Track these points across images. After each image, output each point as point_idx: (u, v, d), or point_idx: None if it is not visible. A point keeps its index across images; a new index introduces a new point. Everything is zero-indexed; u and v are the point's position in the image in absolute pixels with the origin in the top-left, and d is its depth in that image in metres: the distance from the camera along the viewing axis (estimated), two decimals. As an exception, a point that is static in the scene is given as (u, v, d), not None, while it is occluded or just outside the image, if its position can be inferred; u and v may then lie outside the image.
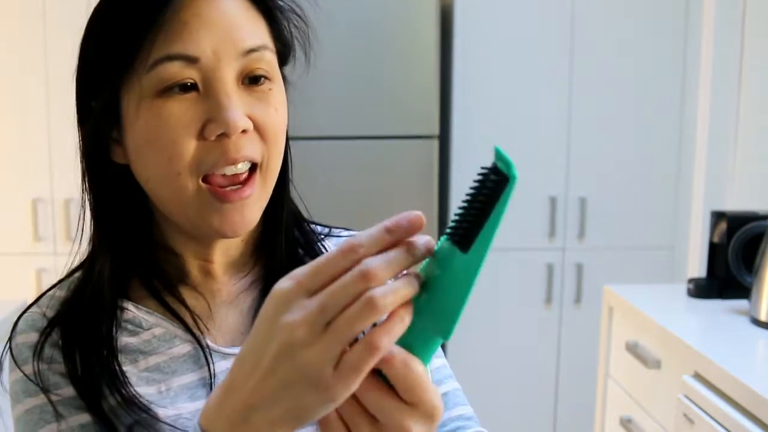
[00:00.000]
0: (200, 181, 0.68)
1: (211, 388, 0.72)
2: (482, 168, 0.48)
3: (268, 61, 0.71)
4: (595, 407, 2.36)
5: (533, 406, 2.98)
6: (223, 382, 0.52)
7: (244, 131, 0.68)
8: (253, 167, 0.70)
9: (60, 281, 0.77)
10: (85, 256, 0.77)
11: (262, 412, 0.49)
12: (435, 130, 2.76)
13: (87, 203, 0.75)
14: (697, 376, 1.67)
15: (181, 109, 0.67)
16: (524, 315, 2.94)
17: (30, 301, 0.78)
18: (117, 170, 0.73)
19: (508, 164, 0.47)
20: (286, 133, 0.77)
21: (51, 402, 0.68)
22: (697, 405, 1.63)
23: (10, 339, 0.72)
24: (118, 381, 0.68)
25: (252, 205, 0.70)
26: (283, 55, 0.76)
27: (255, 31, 0.70)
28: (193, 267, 0.77)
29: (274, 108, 0.71)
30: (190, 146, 0.67)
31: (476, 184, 0.48)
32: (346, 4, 2.68)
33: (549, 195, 2.89)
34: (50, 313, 0.73)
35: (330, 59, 2.63)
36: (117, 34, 0.68)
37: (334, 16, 2.65)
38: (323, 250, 0.83)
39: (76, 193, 0.75)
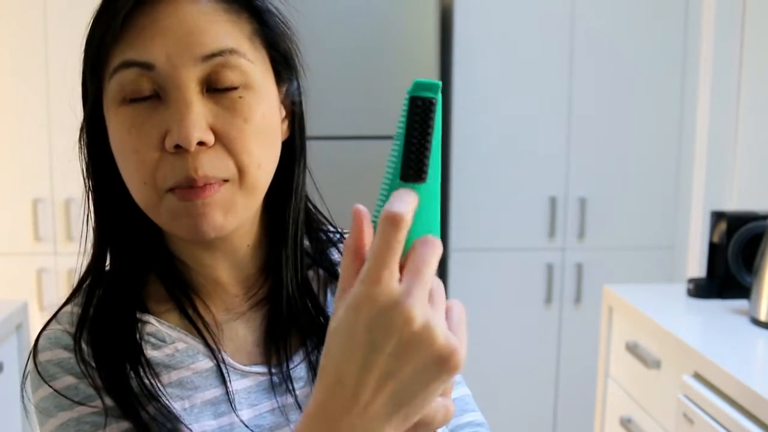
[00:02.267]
0: (165, 192, 0.67)
1: (231, 404, 0.71)
2: (405, 103, 0.50)
3: (237, 66, 0.67)
4: (595, 407, 2.36)
5: (533, 406, 2.98)
6: (319, 412, 0.50)
7: (202, 143, 0.65)
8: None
9: (71, 295, 0.76)
10: (89, 264, 0.75)
11: (392, 417, 0.49)
12: (435, 130, 2.76)
13: (91, 209, 0.74)
14: (697, 376, 1.67)
15: (141, 118, 0.66)
16: (524, 315, 2.94)
17: (30, 301, 0.78)
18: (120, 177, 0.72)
19: (430, 86, 0.50)
20: (301, 138, 0.75)
21: (97, 408, 0.67)
22: (696, 405, 1.63)
23: (34, 357, 0.70)
24: (155, 394, 0.68)
25: (218, 207, 0.67)
26: (279, 60, 0.72)
27: (221, 35, 0.67)
28: (200, 277, 0.75)
29: (244, 118, 0.67)
30: (152, 157, 0.66)
31: (404, 119, 0.50)
32: (346, 4, 2.68)
33: (549, 195, 2.89)
34: (72, 330, 0.71)
35: (330, 59, 2.63)
36: (90, 42, 0.68)
37: (334, 16, 2.65)
38: (337, 255, 0.82)
39: (77, 193, 0.75)
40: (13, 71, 2.74)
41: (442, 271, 2.92)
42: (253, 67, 0.68)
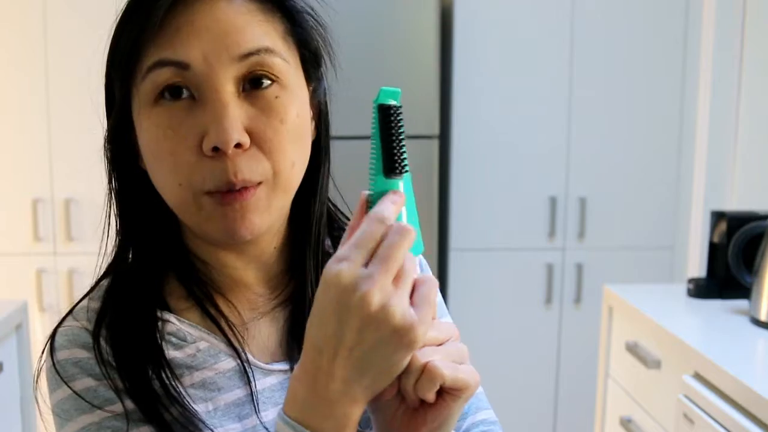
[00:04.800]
0: (203, 194, 0.66)
1: (254, 405, 0.70)
2: (377, 111, 0.59)
3: (273, 65, 0.67)
4: (595, 407, 2.36)
5: (533, 406, 2.98)
6: (302, 372, 0.58)
7: (239, 145, 0.64)
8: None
9: (90, 291, 0.74)
10: (110, 261, 0.75)
11: (358, 382, 0.56)
12: (435, 130, 2.76)
13: (113, 206, 0.73)
14: (697, 376, 1.67)
15: (177, 119, 0.65)
16: (524, 315, 2.94)
17: (29, 302, 0.77)
18: (144, 176, 0.71)
19: (394, 93, 0.59)
20: (326, 139, 0.76)
21: (119, 411, 0.66)
22: (697, 405, 1.63)
23: (51, 355, 0.68)
24: (177, 397, 0.67)
25: (256, 210, 0.67)
26: (310, 59, 0.73)
27: (257, 35, 0.66)
28: (224, 277, 0.74)
29: (280, 119, 0.67)
30: (189, 159, 0.65)
31: (381, 125, 0.59)
32: (345, 5, 2.68)
33: (549, 195, 2.89)
34: (90, 327, 0.69)
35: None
36: (120, 42, 0.67)
37: (334, 17, 2.64)
38: None
39: (77, 193, 0.74)
40: (13, 71, 2.74)
41: (442, 271, 2.93)
42: (287, 67, 0.68)
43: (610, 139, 2.88)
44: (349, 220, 0.83)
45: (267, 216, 0.68)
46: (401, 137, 0.58)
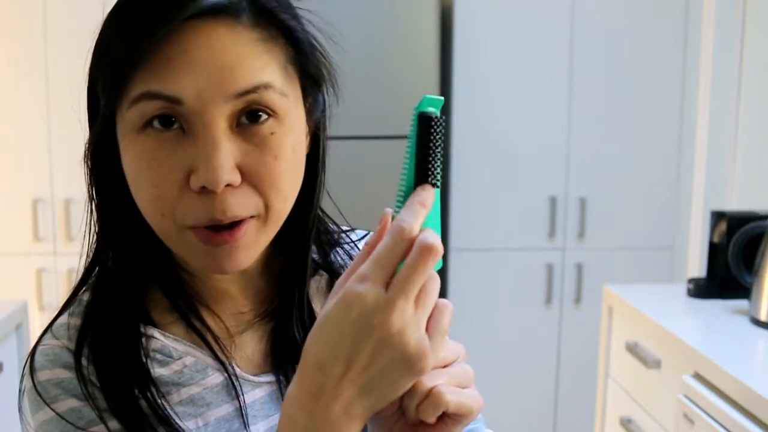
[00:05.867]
0: (186, 228, 0.63)
1: (244, 419, 0.69)
2: (416, 119, 0.56)
3: (270, 101, 0.62)
4: (595, 407, 2.36)
5: (533, 406, 2.98)
6: (300, 392, 0.55)
7: (229, 184, 0.61)
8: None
9: (66, 305, 0.71)
10: (84, 271, 0.71)
11: (361, 402, 0.54)
12: (435, 130, 2.76)
13: (93, 213, 0.70)
14: (697, 376, 1.67)
15: (163, 151, 0.61)
16: (524, 315, 2.94)
17: (29, 302, 0.76)
18: (126, 185, 0.68)
19: (438, 102, 0.56)
20: (323, 156, 0.73)
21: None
22: (697, 405, 1.63)
23: (31, 375, 0.66)
24: (165, 417, 0.65)
25: (245, 248, 0.64)
26: (310, 82, 0.69)
27: (255, 69, 0.62)
28: (208, 287, 0.72)
29: (274, 155, 0.63)
30: (172, 194, 0.62)
31: (420, 134, 0.56)
32: (345, 4, 2.68)
33: (549, 195, 2.89)
34: (72, 346, 0.66)
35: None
36: (106, 63, 0.63)
37: (334, 17, 2.64)
38: (344, 261, 0.81)
39: (77, 193, 0.73)
40: (13, 71, 2.74)
41: (442, 271, 2.92)
42: (285, 101, 0.64)
43: (610, 139, 2.88)
44: (333, 222, 0.82)
45: (254, 251, 0.66)
46: (438, 150, 0.56)
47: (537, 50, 2.84)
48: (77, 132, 0.71)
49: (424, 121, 0.55)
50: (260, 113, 0.62)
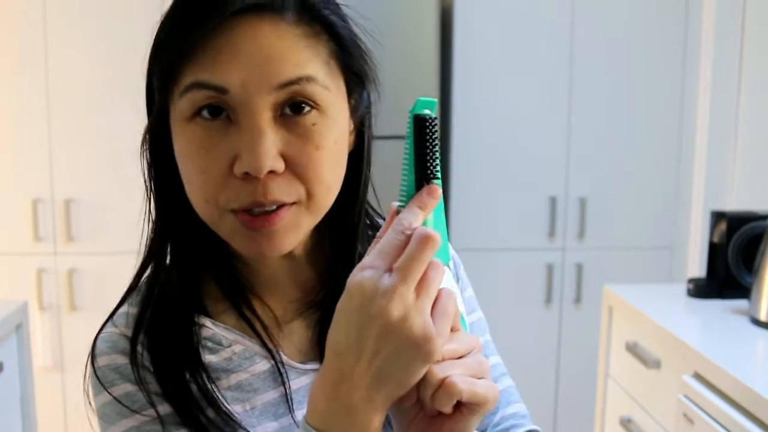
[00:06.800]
0: (228, 211, 0.67)
1: (289, 405, 0.72)
2: (412, 121, 0.59)
3: (313, 93, 0.65)
4: (595, 407, 2.36)
5: (533, 406, 2.96)
6: (323, 380, 0.57)
7: (272, 171, 0.64)
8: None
9: (126, 295, 0.75)
10: (142, 262, 0.75)
11: (378, 391, 0.56)
12: (435, 130, 2.76)
13: (152, 208, 0.74)
14: (697, 376, 1.67)
15: (211, 139, 0.65)
16: (524, 315, 2.94)
17: (29, 302, 0.77)
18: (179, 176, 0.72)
19: (432, 104, 0.59)
20: (368, 151, 0.75)
21: (158, 415, 0.68)
22: (697, 405, 1.63)
23: (92, 362, 0.71)
24: (214, 400, 0.68)
25: (284, 233, 0.67)
26: (353, 78, 0.72)
27: (300, 63, 0.65)
28: (260, 275, 0.76)
29: (315, 145, 0.66)
30: (217, 179, 0.65)
31: (416, 135, 0.59)
32: (345, 5, 2.68)
33: (549, 195, 2.89)
34: (129, 333, 0.71)
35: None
36: (160, 53, 0.67)
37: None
38: None
39: (77, 193, 0.74)
40: (13, 71, 2.74)
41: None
42: (328, 94, 0.67)
43: (610, 139, 2.88)
44: (380, 216, 0.83)
45: (295, 236, 0.68)
46: (435, 148, 0.59)
47: (537, 50, 2.84)
48: (77, 132, 0.71)
49: (419, 123, 0.58)
50: (303, 105, 0.65)
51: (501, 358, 0.88)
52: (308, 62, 0.65)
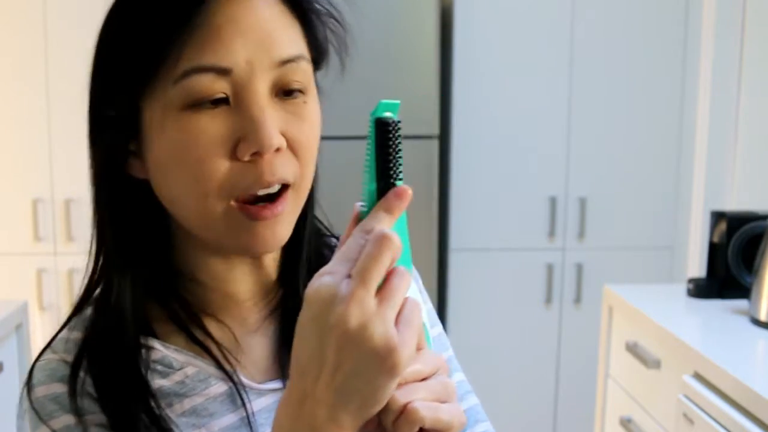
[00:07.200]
0: (230, 202, 0.63)
1: (251, 428, 0.67)
2: (373, 125, 0.56)
3: (304, 71, 0.65)
4: (595, 407, 2.36)
5: (533, 406, 2.98)
6: (287, 399, 0.53)
7: (278, 149, 0.62)
8: (285, 185, 0.65)
9: (68, 320, 0.70)
10: (86, 285, 0.70)
11: (344, 408, 0.51)
12: (435, 130, 2.76)
13: (97, 224, 0.69)
14: (697, 376, 1.67)
15: (212, 126, 0.61)
16: (524, 315, 2.94)
17: (29, 302, 0.76)
18: (132, 185, 0.67)
19: (394, 106, 0.57)
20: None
21: None
22: (697, 405, 1.63)
23: (28, 393, 0.65)
24: (166, 428, 0.63)
25: (283, 221, 0.65)
26: (317, 62, 0.70)
27: (291, 39, 0.64)
28: (215, 293, 0.71)
29: (309, 123, 0.65)
30: (221, 167, 0.62)
31: (378, 140, 0.56)
32: (345, 5, 2.68)
33: (549, 195, 2.89)
34: (70, 359, 0.65)
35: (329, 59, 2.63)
36: (140, 39, 0.61)
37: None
38: None
39: (77, 193, 0.72)
40: (13, 71, 2.74)
41: (442, 271, 2.93)
42: (311, 72, 0.67)
43: (610, 139, 2.88)
44: (324, 226, 0.80)
45: (289, 227, 0.67)
46: (398, 153, 0.57)
47: (537, 50, 2.84)
48: (77, 132, 0.70)
49: (381, 127, 0.56)
50: (295, 83, 0.64)
51: (464, 375, 0.81)
52: (297, 39, 0.65)
